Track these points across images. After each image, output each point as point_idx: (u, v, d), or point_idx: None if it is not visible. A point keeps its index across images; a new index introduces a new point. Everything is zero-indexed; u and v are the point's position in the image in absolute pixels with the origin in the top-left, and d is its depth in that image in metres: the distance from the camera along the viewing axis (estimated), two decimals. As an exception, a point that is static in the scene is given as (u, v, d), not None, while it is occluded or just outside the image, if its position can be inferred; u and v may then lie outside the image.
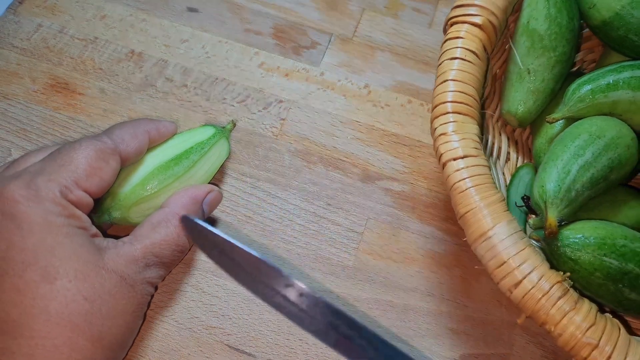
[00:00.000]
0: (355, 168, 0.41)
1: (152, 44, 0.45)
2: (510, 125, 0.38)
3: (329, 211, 0.40)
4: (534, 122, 0.39)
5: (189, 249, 0.35)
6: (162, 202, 0.34)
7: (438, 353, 0.36)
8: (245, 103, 0.43)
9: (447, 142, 0.30)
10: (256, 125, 0.42)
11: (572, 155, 0.31)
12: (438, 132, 0.30)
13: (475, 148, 0.30)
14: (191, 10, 0.47)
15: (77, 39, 0.45)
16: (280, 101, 0.44)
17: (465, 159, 0.29)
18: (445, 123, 0.30)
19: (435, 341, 0.36)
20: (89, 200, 0.31)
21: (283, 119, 0.43)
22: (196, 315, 0.36)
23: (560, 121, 0.36)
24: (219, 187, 0.40)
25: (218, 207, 0.39)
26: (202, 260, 0.37)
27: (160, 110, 0.42)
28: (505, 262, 0.27)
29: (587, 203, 0.32)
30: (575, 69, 0.42)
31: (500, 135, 0.39)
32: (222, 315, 0.36)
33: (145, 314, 0.34)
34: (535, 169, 0.39)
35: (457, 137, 0.30)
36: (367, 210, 0.40)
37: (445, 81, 0.31)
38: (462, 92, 0.31)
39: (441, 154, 0.30)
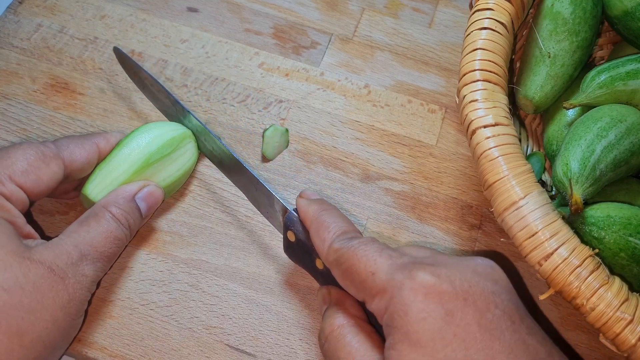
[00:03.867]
0: (355, 168, 0.41)
1: (152, 43, 0.45)
2: (525, 111, 0.37)
3: (329, 211, 0.40)
4: (546, 110, 0.38)
5: (129, 241, 0.34)
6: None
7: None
8: (245, 103, 0.43)
9: (476, 109, 0.29)
10: (256, 125, 0.42)
11: (596, 136, 0.31)
12: (467, 99, 0.29)
13: (506, 117, 0.29)
14: (191, 10, 0.47)
15: (77, 39, 0.45)
16: (280, 101, 0.44)
17: (495, 127, 0.28)
18: (474, 91, 0.29)
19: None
20: (23, 197, 0.31)
21: (283, 119, 0.43)
22: (196, 315, 0.36)
23: (574, 110, 0.36)
24: (218, 185, 0.40)
25: (218, 207, 0.39)
26: (202, 261, 0.37)
27: (159, 110, 0.42)
28: (535, 234, 0.26)
29: (604, 189, 0.32)
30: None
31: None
32: (222, 315, 0.36)
33: (85, 313, 0.33)
34: (545, 158, 0.39)
35: (488, 104, 0.29)
36: (367, 210, 0.40)
37: (474, 50, 0.30)
38: (491, 62, 0.30)
39: (470, 121, 0.29)
